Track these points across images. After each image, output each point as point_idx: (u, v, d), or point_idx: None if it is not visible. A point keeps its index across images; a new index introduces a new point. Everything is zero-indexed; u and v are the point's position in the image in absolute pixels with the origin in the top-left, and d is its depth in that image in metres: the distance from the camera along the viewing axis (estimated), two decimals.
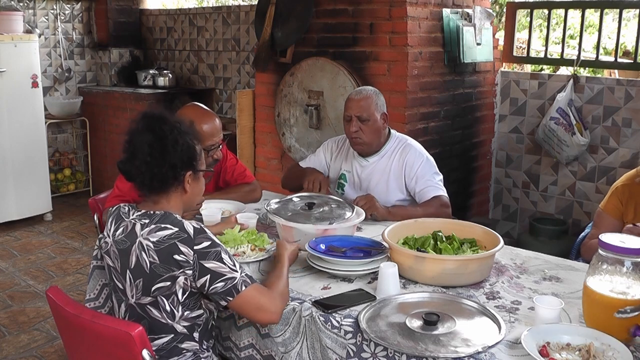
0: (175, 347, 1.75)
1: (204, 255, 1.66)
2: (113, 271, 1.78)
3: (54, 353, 3.14)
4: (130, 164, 1.76)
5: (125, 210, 1.79)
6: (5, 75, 4.86)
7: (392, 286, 1.82)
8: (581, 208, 4.11)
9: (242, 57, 5.50)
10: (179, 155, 1.75)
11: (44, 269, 4.26)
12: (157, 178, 1.74)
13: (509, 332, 1.58)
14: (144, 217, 1.73)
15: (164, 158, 1.73)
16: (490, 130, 4.40)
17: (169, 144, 1.73)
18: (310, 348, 1.74)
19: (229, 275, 1.67)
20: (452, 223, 2.27)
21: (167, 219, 1.71)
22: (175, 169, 1.75)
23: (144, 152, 1.72)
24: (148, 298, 1.70)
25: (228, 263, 1.68)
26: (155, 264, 1.66)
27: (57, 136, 6.10)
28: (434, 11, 3.75)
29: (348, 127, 2.71)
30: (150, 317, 1.72)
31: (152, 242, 1.66)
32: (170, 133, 1.75)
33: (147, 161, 1.72)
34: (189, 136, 1.80)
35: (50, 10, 5.92)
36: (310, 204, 2.33)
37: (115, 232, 1.76)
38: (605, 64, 4.32)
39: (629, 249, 1.50)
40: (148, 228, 1.69)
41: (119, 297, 1.79)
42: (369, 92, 2.73)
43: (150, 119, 1.78)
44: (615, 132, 3.89)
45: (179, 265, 1.65)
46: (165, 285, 1.67)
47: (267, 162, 4.50)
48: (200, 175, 1.86)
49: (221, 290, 1.67)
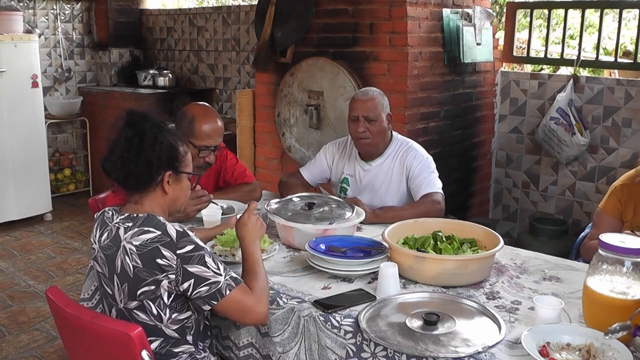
0: (170, 351, 1.74)
1: (187, 260, 1.63)
2: (102, 277, 1.77)
3: (54, 353, 3.14)
4: (108, 160, 1.73)
5: (109, 215, 1.76)
6: (5, 75, 4.86)
7: (392, 286, 1.82)
8: (581, 208, 4.11)
9: (242, 57, 5.50)
10: (157, 153, 1.70)
11: (44, 269, 4.26)
12: (132, 175, 1.70)
13: (509, 332, 1.58)
14: (128, 221, 1.69)
15: (139, 154, 1.68)
16: (490, 130, 4.40)
17: (146, 141, 1.69)
18: (307, 349, 1.74)
19: (213, 279, 1.64)
20: (452, 223, 2.27)
21: (150, 221, 1.67)
22: (151, 166, 1.70)
23: (121, 147, 1.70)
24: (134, 302, 1.68)
25: (212, 267, 1.65)
26: (139, 268, 1.63)
27: (57, 136, 6.10)
28: (434, 11, 3.75)
29: (354, 127, 2.69)
30: (138, 321, 1.69)
31: (135, 245, 1.64)
32: (149, 130, 1.71)
33: (124, 157, 1.69)
34: (172, 136, 1.75)
35: (50, 10, 5.92)
36: (310, 204, 2.33)
37: (101, 237, 1.74)
38: (605, 64, 4.32)
39: (629, 249, 1.50)
40: (131, 231, 1.66)
41: (109, 302, 1.77)
42: (375, 93, 2.73)
43: (133, 115, 1.76)
44: (615, 132, 3.89)
45: (162, 269, 1.62)
46: (150, 289, 1.65)
47: (267, 162, 4.50)
48: (183, 177, 1.79)
49: (205, 295, 1.64)
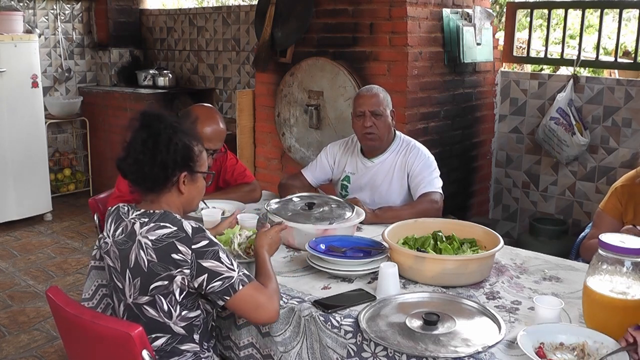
0: (175, 348, 1.74)
1: (202, 255, 1.65)
2: (113, 271, 1.78)
3: (54, 353, 3.14)
4: (124, 162, 1.75)
5: (124, 210, 1.78)
6: (5, 75, 4.86)
7: (392, 286, 1.82)
8: (581, 208, 4.11)
9: (242, 57, 5.50)
10: (172, 155, 1.72)
11: (44, 269, 4.26)
12: (149, 177, 1.73)
13: (509, 332, 1.58)
14: (144, 216, 1.72)
15: (154, 157, 1.70)
16: (490, 130, 4.40)
17: (161, 142, 1.71)
18: (309, 348, 1.74)
19: (227, 274, 1.66)
20: (452, 223, 2.27)
21: (166, 217, 1.70)
22: (167, 169, 1.72)
23: (137, 149, 1.71)
24: (145, 297, 1.69)
25: (225, 262, 1.67)
26: (153, 263, 1.65)
27: (57, 136, 6.10)
28: (434, 11, 3.75)
29: (360, 123, 2.70)
30: (147, 317, 1.71)
31: (151, 240, 1.66)
32: (164, 131, 1.72)
33: (139, 159, 1.71)
34: (186, 136, 1.77)
35: (50, 10, 5.92)
36: (310, 204, 2.33)
37: (115, 232, 1.76)
38: (605, 64, 4.32)
39: (629, 249, 1.50)
40: (147, 226, 1.68)
41: (118, 297, 1.79)
42: (379, 90, 2.77)
43: (147, 117, 1.76)
44: (615, 132, 3.89)
45: (177, 264, 1.64)
46: (163, 284, 1.66)
47: (267, 162, 4.50)
48: (198, 176, 1.82)
49: (218, 290, 1.66)
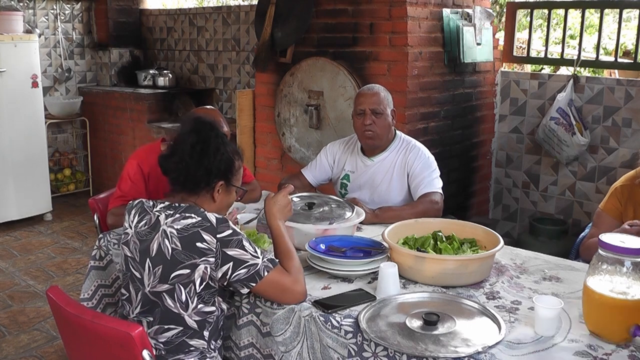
0: (184, 342, 1.77)
1: (227, 243, 1.71)
2: (130, 261, 1.82)
3: (54, 353, 3.14)
4: (169, 160, 1.83)
5: (149, 204, 1.85)
6: (5, 75, 4.86)
7: (392, 286, 1.82)
8: (581, 208, 4.11)
9: (242, 57, 5.50)
10: (217, 163, 1.82)
11: (44, 269, 4.26)
12: (191, 179, 1.82)
13: (509, 332, 1.59)
14: (169, 209, 1.79)
15: (201, 161, 1.80)
16: (490, 130, 4.40)
17: (210, 149, 1.82)
18: (310, 348, 1.74)
19: (252, 261, 1.72)
20: (452, 223, 2.27)
21: (191, 209, 1.77)
22: (210, 175, 1.82)
23: (185, 151, 1.81)
24: (165, 285, 1.73)
25: (250, 250, 1.73)
26: (177, 251, 1.70)
27: (57, 136, 6.10)
28: (434, 11, 3.75)
29: (361, 121, 2.72)
30: (164, 305, 1.74)
31: (176, 229, 1.72)
32: (214, 140, 1.83)
33: (186, 160, 1.80)
34: (232, 150, 1.88)
35: (50, 10, 5.92)
36: (310, 204, 2.33)
37: (138, 223, 1.82)
38: (605, 64, 4.32)
39: (629, 249, 1.50)
40: (172, 217, 1.75)
41: (136, 286, 1.81)
42: (380, 89, 2.79)
43: (200, 123, 1.87)
44: (615, 132, 3.89)
45: (202, 252, 1.69)
46: (184, 272, 1.70)
47: (267, 162, 4.50)
48: (232, 189, 1.91)
49: (244, 277, 1.72)
